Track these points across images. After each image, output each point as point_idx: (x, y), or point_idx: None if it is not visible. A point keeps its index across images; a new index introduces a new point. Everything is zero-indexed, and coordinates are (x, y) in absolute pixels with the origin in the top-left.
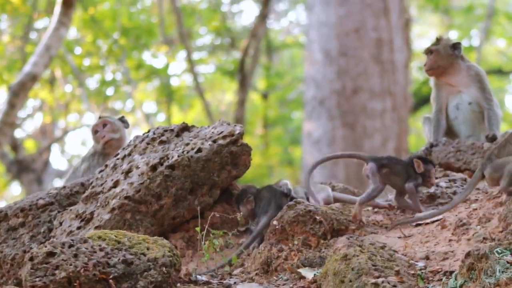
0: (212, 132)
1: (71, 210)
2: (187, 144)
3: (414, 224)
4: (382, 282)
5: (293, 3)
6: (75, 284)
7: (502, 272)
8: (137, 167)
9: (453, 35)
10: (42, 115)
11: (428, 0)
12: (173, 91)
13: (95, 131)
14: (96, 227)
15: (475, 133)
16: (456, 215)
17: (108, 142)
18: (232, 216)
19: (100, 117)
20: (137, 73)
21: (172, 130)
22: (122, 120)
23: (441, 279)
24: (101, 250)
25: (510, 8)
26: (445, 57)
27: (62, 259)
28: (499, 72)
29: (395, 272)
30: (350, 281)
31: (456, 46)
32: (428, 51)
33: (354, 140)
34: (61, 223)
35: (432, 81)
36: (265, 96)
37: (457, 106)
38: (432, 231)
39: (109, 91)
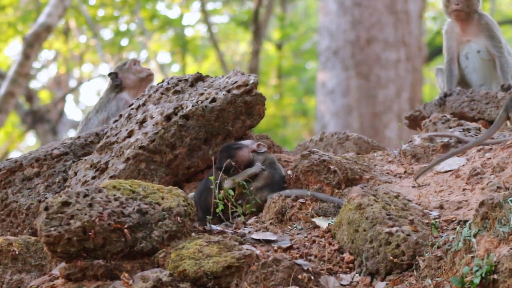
0: (226, 82)
1: (85, 160)
2: (201, 94)
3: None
4: (396, 231)
5: None
6: (90, 233)
7: None
8: (152, 117)
9: None
10: (56, 66)
11: None
12: (187, 42)
13: (134, 63)
14: (111, 177)
15: (486, 82)
16: (471, 165)
17: (151, 76)
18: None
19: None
20: (151, 24)
21: (186, 80)
22: None
23: (455, 228)
24: (115, 199)
25: None
26: (474, 4)
27: (77, 209)
28: None
29: (409, 221)
30: (364, 230)
31: None
32: None
33: (368, 90)
34: (75, 173)
35: (444, 27)
36: (279, 46)
37: (466, 55)
38: (446, 181)
39: (124, 42)
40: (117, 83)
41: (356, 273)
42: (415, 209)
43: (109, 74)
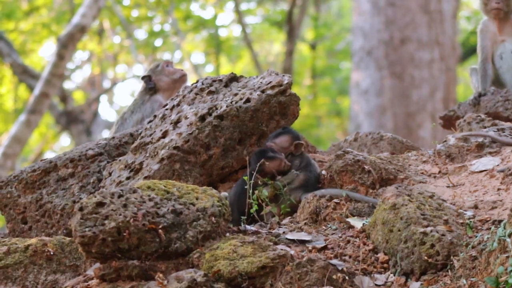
0: (261, 82)
1: (120, 160)
2: (236, 94)
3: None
4: (431, 231)
5: None
6: (125, 234)
7: None
8: (186, 118)
9: None
10: (90, 67)
11: None
12: (221, 42)
13: (167, 64)
14: (145, 177)
15: None
16: (505, 164)
17: (184, 76)
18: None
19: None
20: (185, 24)
21: (220, 81)
22: None
23: (490, 228)
24: (150, 200)
25: None
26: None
27: (112, 209)
28: None
29: (444, 221)
30: (399, 230)
31: None
32: None
33: (402, 90)
34: (110, 174)
35: (479, 27)
36: (313, 46)
37: (501, 55)
38: (480, 180)
39: (158, 42)
40: (151, 86)
41: (391, 273)
42: (450, 209)
43: (143, 78)
